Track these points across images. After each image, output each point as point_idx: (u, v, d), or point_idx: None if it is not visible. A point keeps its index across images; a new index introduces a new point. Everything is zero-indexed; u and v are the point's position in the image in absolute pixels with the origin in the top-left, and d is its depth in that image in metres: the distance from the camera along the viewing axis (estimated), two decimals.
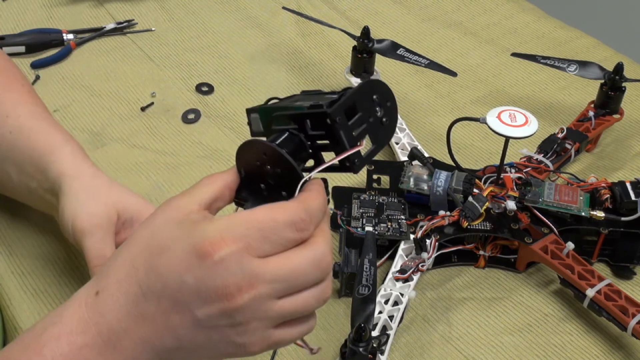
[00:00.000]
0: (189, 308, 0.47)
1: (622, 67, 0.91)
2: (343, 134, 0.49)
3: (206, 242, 0.46)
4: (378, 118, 0.51)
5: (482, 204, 0.76)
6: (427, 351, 0.72)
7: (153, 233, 0.48)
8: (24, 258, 0.77)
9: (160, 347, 0.48)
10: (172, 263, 0.46)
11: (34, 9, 1.14)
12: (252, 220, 0.47)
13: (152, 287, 0.47)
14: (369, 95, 0.51)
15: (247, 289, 0.46)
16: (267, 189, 0.51)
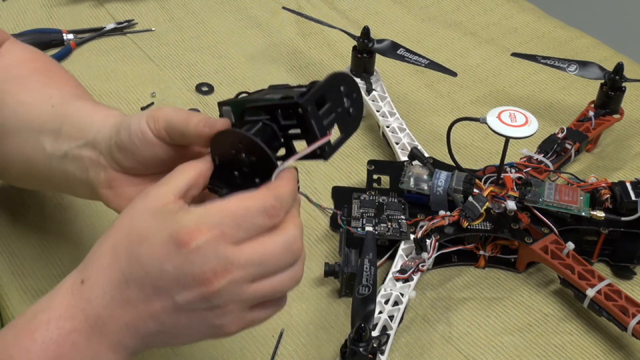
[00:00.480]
0: (170, 294, 0.49)
1: (622, 67, 0.91)
2: (314, 123, 0.52)
3: (183, 231, 0.48)
4: (345, 109, 0.54)
5: (482, 204, 0.76)
6: (427, 351, 0.72)
7: (132, 222, 0.51)
8: (24, 258, 0.77)
9: (144, 331, 0.51)
10: (152, 252, 0.49)
11: (34, 9, 1.14)
12: (225, 209, 0.49)
13: (134, 275, 0.50)
14: (337, 87, 0.54)
15: (223, 274, 0.49)
16: (240, 176, 0.54)
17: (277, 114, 0.53)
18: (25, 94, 0.69)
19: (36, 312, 0.51)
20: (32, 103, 0.68)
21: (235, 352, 0.71)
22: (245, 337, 0.71)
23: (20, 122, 0.67)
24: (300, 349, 0.72)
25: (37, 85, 0.70)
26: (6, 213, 0.81)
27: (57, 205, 0.83)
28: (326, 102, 0.53)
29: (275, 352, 0.70)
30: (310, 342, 0.72)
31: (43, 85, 0.70)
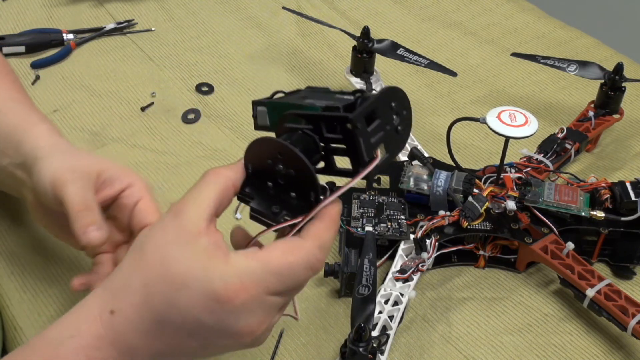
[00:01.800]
0: (207, 339, 0.50)
1: (622, 67, 0.91)
2: (362, 142, 0.47)
3: (226, 289, 0.48)
4: (394, 126, 0.51)
5: (482, 204, 0.76)
6: (427, 351, 0.72)
7: (166, 260, 0.49)
8: (24, 258, 0.77)
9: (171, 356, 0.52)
10: (191, 302, 0.48)
11: (34, 9, 1.14)
12: (269, 265, 0.49)
13: (170, 318, 0.49)
14: (388, 102, 0.50)
15: (265, 321, 0.50)
16: (274, 187, 0.51)
17: (321, 125, 0.49)
18: None
19: (62, 338, 0.50)
20: None
21: (235, 352, 0.70)
22: None
23: None
24: (300, 349, 0.72)
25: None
26: (6, 213, 0.81)
27: None
28: (376, 118, 0.49)
29: (275, 352, 0.70)
30: (310, 342, 0.72)
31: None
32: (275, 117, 0.52)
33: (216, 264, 0.48)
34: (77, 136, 0.93)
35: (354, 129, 0.47)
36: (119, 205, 0.64)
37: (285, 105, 0.51)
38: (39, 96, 0.98)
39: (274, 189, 0.51)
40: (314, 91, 0.54)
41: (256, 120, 0.54)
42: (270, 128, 0.53)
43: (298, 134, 0.49)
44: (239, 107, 0.99)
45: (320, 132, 0.49)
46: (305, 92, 0.54)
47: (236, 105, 0.99)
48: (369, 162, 0.48)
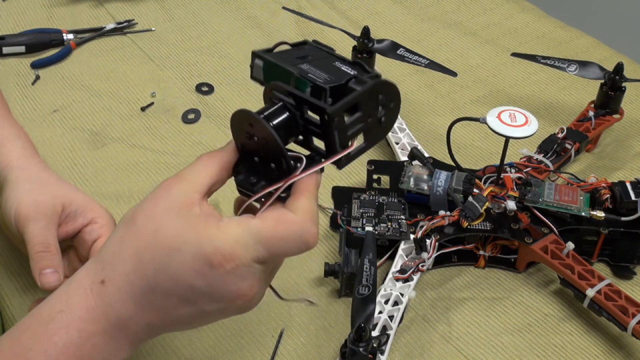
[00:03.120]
0: (198, 304, 0.50)
1: (622, 67, 0.91)
2: (337, 133, 0.48)
3: (218, 254, 0.48)
4: (377, 118, 0.51)
5: (482, 204, 0.76)
6: (427, 351, 0.72)
7: (158, 228, 0.49)
8: (24, 258, 0.77)
9: (165, 329, 0.52)
10: (182, 266, 0.48)
11: (34, 9, 1.14)
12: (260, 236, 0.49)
13: (162, 285, 0.49)
14: (376, 95, 0.50)
15: (257, 285, 0.50)
16: (259, 161, 0.51)
17: (304, 107, 0.49)
18: None
19: (52, 313, 0.50)
20: None
21: (235, 352, 0.71)
22: (245, 337, 0.71)
23: None
24: (300, 349, 0.72)
25: None
26: None
27: None
28: (358, 110, 0.49)
29: (275, 352, 0.70)
30: (310, 342, 0.72)
31: None
32: (269, 76, 0.52)
33: (208, 229, 0.49)
34: (77, 136, 0.93)
35: (330, 122, 0.48)
36: (80, 239, 0.67)
37: (280, 69, 0.51)
38: (39, 96, 0.98)
39: (259, 162, 0.51)
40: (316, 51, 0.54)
41: (252, 71, 0.54)
42: (262, 82, 0.53)
43: (279, 106, 0.50)
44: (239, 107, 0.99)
45: (302, 111, 0.49)
46: (308, 49, 0.54)
47: (236, 105, 0.99)
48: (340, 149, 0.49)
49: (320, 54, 0.53)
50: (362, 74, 0.51)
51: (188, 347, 0.70)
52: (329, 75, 0.50)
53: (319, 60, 0.52)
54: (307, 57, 0.53)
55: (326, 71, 0.50)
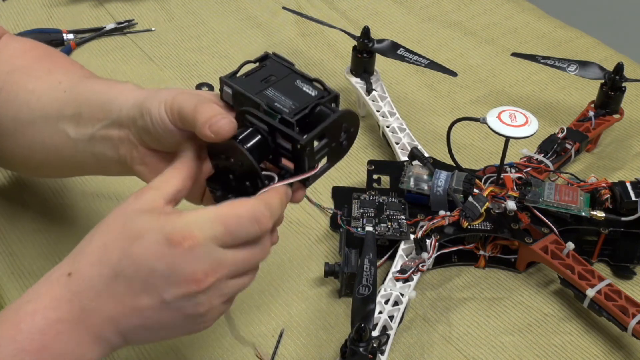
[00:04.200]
0: (158, 291, 0.52)
1: (622, 67, 0.91)
2: (307, 160, 0.54)
3: (177, 233, 0.51)
4: (339, 142, 0.56)
5: (482, 204, 0.76)
6: (427, 351, 0.72)
7: (125, 222, 0.53)
8: (24, 258, 0.77)
9: (125, 325, 0.53)
10: (144, 249, 0.51)
11: (34, 9, 1.14)
12: (218, 215, 0.52)
13: (125, 271, 0.51)
14: (340, 123, 0.55)
15: (212, 274, 0.52)
16: (234, 179, 0.56)
17: (276, 134, 0.54)
18: (33, 82, 0.69)
19: (21, 303, 0.52)
20: (42, 91, 0.68)
21: (236, 352, 0.71)
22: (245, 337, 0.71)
23: (33, 112, 0.67)
24: (300, 349, 0.72)
25: (42, 72, 0.70)
26: (6, 213, 0.81)
27: (57, 205, 0.83)
28: (324, 137, 0.54)
29: (275, 352, 0.71)
30: (310, 342, 0.72)
31: (48, 71, 0.70)
32: (238, 101, 0.57)
33: (170, 218, 0.52)
34: None
35: (302, 151, 0.53)
36: None
37: (248, 99, 0.56)
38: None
39: (234, 180, 0.56)
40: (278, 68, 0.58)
41: (222, 94, 0.58)
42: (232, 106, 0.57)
43: (251, 130, 0.54)
44: None
45: (274, 136, 0.54)
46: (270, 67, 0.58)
47: None
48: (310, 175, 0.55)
49: (282, 71, 0.58)
50: (323, 95, 0.56)
51: (188, 347, 0.70)
52: (293, 102, 0.55)
53: (282, 82, 0.57)
54: (271, 77, 0.57)
55: (290, 95, 0.56)
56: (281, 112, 0.54)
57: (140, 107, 0.60)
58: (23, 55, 0.72)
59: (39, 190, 0.84)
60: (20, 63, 0.71)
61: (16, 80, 0.69)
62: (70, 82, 0.68)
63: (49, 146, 0.67)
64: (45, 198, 0.83)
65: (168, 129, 0.58)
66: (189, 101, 0.57)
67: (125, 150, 0.62)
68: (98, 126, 0.63)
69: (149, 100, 0.59)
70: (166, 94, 0.59)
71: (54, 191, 0.84)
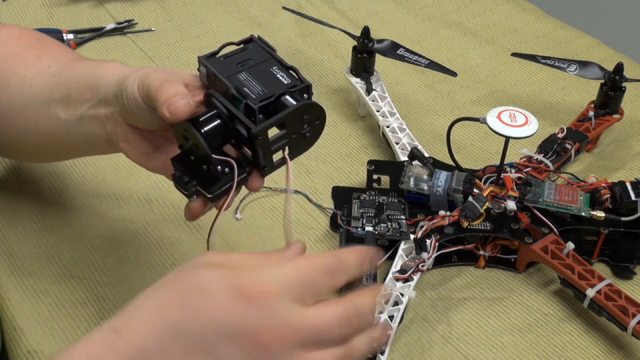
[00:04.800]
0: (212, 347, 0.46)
1: (622, 67, 0.91)
2: (261, 151, 0.54)
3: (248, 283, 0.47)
4: (301, 133, 0.55)
5: (482, 204, 0.76)
6: (427, 351, 0.72)
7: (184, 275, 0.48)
8: (24, 258, 0.77)
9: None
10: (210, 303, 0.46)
11: (34, 9, 1.14)
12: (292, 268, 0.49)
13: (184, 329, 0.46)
14: (301, 114, 0.54)
15: (276, 334, 0.46)
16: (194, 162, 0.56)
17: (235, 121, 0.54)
18: (24, 69, 0.69)
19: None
20: (33, 77, 0.68)
21: None
22: None
23: (25, 98, 0.68)
24: None
25: (32, 59, 0.70)
26: (6, 213, 0.81)
27: (57, 205, 0.83)
28: (284, 127, 0.54)
29: None
30: None
31: (38, 57, 0.70)
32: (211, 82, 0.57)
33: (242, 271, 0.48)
34: None
35: (254, 139, 0.53)
36: None
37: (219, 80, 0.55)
38: None
39: (194, 163, 0.56)
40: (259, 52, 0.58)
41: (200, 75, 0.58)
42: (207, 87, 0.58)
43: (212, 114, 0.54)
44: None
45: (233, 121, 0.54)
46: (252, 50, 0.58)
47: None
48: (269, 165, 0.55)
49: (261, 55, 0.58)
50: (296, 84, 0.55)
51: None
52: (263, 88, 0.54)
53: (258, 67, 0.57)
54: (248, 61, 0.57)
55: (261, 81, 0.55)
56: (247, 97, 0.53)
57: (121, 85, 0.60)
58: (14, 43, 0.73)
59: (39, 190, 0.84)
60: (12, 50, 0.71)
61: (8, 68, 0.70)
62: (59, 66, 0.68)
63: (42, 130, 0.68)
64: (45, 198, 0.83)
65: (141, 107, 0.58)
66: (156, 80, 0.56)
67: (111, 127, 0.62)
68: (87, 106, 0.64)
69: (129, 78, 0.59)
70: (143, 72, 0.59)
71: (54, 191, 0.84)
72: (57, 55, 0.71)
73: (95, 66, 0.65)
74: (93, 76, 0.64)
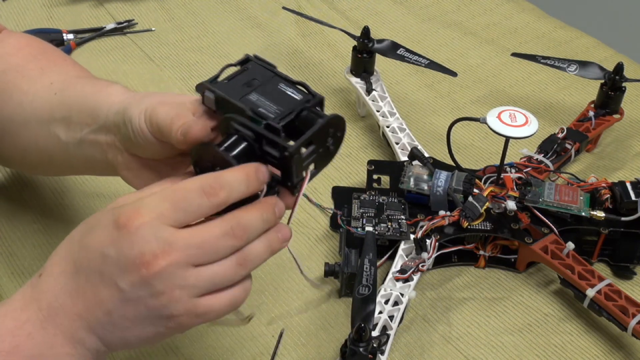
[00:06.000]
0: (113, 280, 0.50)
1: (622, 67, 0.91)
2: (294, 169, 0.52)
3: (123, 214, 0.49)
4: (327, 147, 0.54)
5: (482, 204, 0.76)
6: (427, 351, 0.72)
7: (88, 220, 0.53)
8: (24, 258, 0.77)
9: (94, 322, 0.51)
10: (96, 238, 0.50)
11: (34, 9, 1.14)
12: (165, 191, 0.50)
13: (82, 263, 0.51)
14: (327, 129, 0.53)
15: (162, 256, 0.48)
16: None
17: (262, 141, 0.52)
18: (27, 83, 0.69)
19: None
20: (35, 92, 0.68)
21: (236, 352, 0.71)
22: (245, 337, 0.71)
23: (26, 113, 0.67)
24: (300, 349, 0.72)
25: (35, 72, 0.70)
26: (6, 213, 0.81)
27: (57, 205, 0.83)
28: (312, 144, 0.53)
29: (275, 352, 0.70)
30: (310, 342, 0.72)
31: (41, 71, 0.70)
32: (221, 107, 0.55)
33: (120, 202, 0.51)
34: None
35: (290, 159, 0.51)
36: None
37: (231, 104, 0.54)
38: None
39: None
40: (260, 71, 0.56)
41: (203, 99, 0.56)
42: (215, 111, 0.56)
43: (236, 138, 0.52)
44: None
45: (260, 142, 0.52)
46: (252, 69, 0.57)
47: None
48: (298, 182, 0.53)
49: (264, 74, 0.56)
50: (308, 99, 0.54)
51: (189, 347, 0.70)
52: (278, 107, 0.53)
53: (265, 86, 0.55)
54: (254, 81, 0.56)
55: (274, 100, 0.54)
56: (266, 118, 0.52)
57: (123, 115, 0.59)
58: (17, 53, 0.72)
59: (39, 190, 0.84)
60: (15, 61, 0.71)
61: (10, 80, 0.69)
62: (62, 83, 0.68)
63: (42, 148, 0.67)
64: (45, 198, 0.83)
65: (148, 139, 0.58)
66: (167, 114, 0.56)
67: (112, 154, 0.62)
68: (87, 130, 0.64)
69: (131, 109, 0.59)
70: (147, 102, 0.58)
71: (54, 191, 0.84)
72: (61, 70, 0.71)
73: (97, 89, 0.65)
74: (94, 101, 0.64)
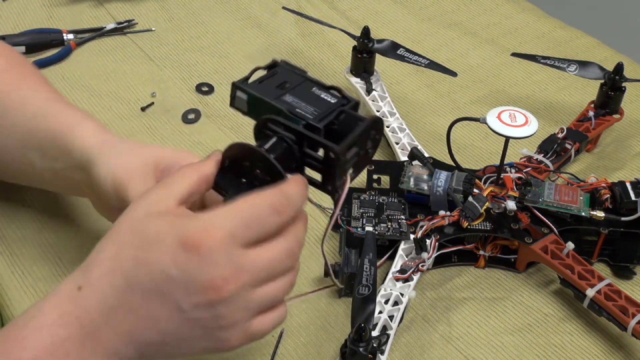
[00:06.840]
0: (175, 300, 0.48)
1: (622, 67, 0.91)
2: (338, 171, 0.50)
3: (192, 235, 0.47)
4: (366, 150, 0.53)
5: (482, 204, 0.76)
6: (427, 351, 0.72)
7: (135, 227, 0.50)
8: (24, 258, 0.77)
9: (143, 340, 0.49)
10: (159, 256, 0.48)
11: (34, 9, 1.14)
12: (234, 210, 0.49)
13: (139, 280, 0.48)
14: (369, 131, 0.52)
15: (232, 280, 0.48)
16: (246, 184, 0.52)
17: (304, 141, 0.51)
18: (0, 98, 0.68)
19: (26, 319, 0.49)
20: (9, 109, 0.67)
21: (235, 352, 0.70)
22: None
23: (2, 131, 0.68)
24: (300, 349, 0.72)
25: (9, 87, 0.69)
26: (6, 213, 0.81)
27: (57, 205, 0.82)
28: (354, 146, 0.51)
29: (275, 352, 0.71)
30: (310, 342, 0.72)
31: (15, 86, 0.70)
32: (254, 108, 0.54)
33: (184, 220, 0.49)
34: None
35: (336, 160, 0.50)
36: None
37: (267, 104, 0.53)
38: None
39: (246, 184, 0.52)
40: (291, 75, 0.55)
41: (233, 101, 0.55)
42: (245, 113, 0.55)
43: (276, 140, 0.51)
44: None
45: (301, 144, 0.51)
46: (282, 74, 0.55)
47: None
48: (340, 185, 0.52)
49: (295, 78, 0.55)
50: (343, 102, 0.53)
51: None
52: (315, 108, 0.52)
53: (298, 88, 0.54)
54: (286, 84, 0.54)
55: (310, 102, 0.53)
56: (305, 119, 0.51)
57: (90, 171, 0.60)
58: None
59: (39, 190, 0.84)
60: None
61: None
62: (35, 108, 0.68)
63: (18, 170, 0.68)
64: (45, 198, 0.83)
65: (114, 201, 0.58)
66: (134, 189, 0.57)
67: (88, 191, 0.63)
68: (61, 166, 0.64)
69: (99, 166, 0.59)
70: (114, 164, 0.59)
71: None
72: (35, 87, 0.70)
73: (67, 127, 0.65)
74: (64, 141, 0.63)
